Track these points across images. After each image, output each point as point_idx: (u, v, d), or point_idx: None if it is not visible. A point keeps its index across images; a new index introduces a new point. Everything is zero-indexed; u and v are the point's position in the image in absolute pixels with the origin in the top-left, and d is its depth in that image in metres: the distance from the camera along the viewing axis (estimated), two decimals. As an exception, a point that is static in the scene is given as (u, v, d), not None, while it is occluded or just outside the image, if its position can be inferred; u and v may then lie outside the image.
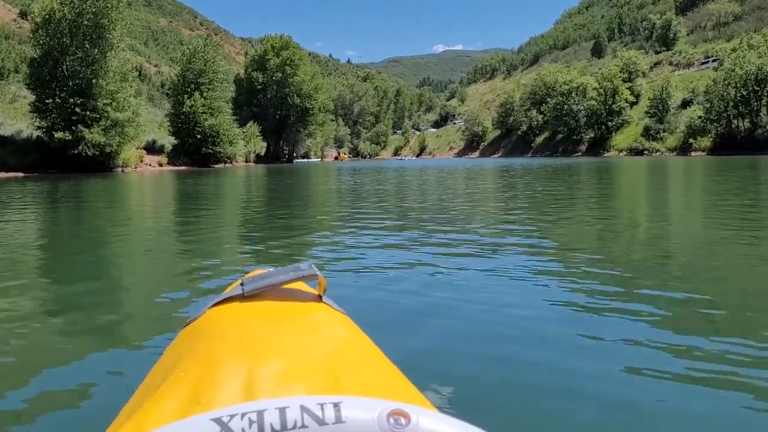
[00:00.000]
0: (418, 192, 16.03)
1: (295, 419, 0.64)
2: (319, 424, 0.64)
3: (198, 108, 53.64)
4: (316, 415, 0.64)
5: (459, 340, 3.00)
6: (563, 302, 3.71)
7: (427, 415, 0.67)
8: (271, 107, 79.71)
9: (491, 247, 5.99)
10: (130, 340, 3.18)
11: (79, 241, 7.48)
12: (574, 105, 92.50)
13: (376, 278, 4.53)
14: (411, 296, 3.95)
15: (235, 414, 0.64)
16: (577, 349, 2.85)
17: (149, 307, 3.98)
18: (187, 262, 5.72)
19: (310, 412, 0.65)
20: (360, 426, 0.64)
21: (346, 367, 0.84)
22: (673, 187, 17.02)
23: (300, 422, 0.64)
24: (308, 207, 12.91)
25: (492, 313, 3.46)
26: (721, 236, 6.60)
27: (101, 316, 3.74)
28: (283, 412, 0.64)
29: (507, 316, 3.41)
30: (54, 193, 18.41)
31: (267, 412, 0.64)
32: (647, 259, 5.32)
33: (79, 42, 39.99)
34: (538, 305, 3.67)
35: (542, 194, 13.96)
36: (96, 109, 40.45)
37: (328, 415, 0.65)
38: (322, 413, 0.65)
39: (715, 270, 4.75)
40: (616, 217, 9.24)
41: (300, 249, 6.34)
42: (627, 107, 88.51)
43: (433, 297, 3.92)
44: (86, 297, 4.23)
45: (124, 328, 3.48)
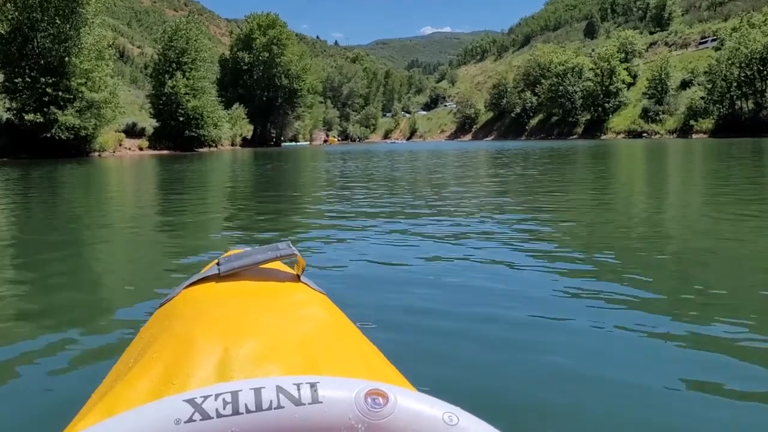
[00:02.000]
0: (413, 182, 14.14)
1: (271, 399, 0.63)
2: (296, 404, 0.63)
3: (180, 89, 50.82)
4: (292, 395, 0.64)
5: (446, 321, 2.92)
6: (563, 290, 3.53)
7: (406, 395, 0.67)
8: (258, 89, 76.78)
9: (483, 232, 5.69)
10: (107, 324, 3.05)
11: (53, 231, 6.94)
12: (569, 86, 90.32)
13: (361, 259, 4.45)
14: (400, 279, 3.87)
15: (209, 395, 0.63)
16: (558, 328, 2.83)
17: (126, 291, 3.88)
18: (165, 247, 5.61)
19: (286, 393, 0.64)
20: (337, 406, 0.64)
21: (323, 347, 0.84)
22: (675, 172, 15.97)
23: (276, 402, 0.63)
24: (298, 193, 12.02)
25: (486, 297, 3.37)
26: (722, 225, 6.20)
27: (75, 301, 3.60)
28: (259, 393, 0.63)
29: (500, 299, 3.31)
30: (23, 180, 17.19)
31: (242, 393, 0.63)
32: (656, 249, 4.82)
33: (50, 17, 37.16)
34: (531, 288, 3.60)
35: (549, 182, 12.62)
36: (69, 89, 37.77)
37: (305, 395, 0.64)
38: (299, 393, 0.64)
39: (714, 256, 4.61)
40: (626, 205, 8.62)
41: (284, 234, 6.00)
42: (624, 88, 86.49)
43: (420, 276, 3.91)
44: (59, 282, 4.11)
45: (99, 312, 3.34)
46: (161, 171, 22.36)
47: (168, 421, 0.61)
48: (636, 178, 14.37)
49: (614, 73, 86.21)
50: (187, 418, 0.61)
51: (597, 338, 2.69)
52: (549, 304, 3.21)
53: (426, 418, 0.64)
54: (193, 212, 8.50)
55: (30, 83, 36.91)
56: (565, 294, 3.39)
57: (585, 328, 2.80)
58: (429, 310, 3.11)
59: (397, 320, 2.92)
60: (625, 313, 3.01)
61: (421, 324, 2.86)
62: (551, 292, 3.42)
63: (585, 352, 2.52)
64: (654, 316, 2.93)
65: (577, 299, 3.28)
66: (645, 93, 78.85)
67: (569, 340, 2.65)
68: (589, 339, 2.68)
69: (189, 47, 52.88)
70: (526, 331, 2.76)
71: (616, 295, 3.30)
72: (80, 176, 19.64)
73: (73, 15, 37.84)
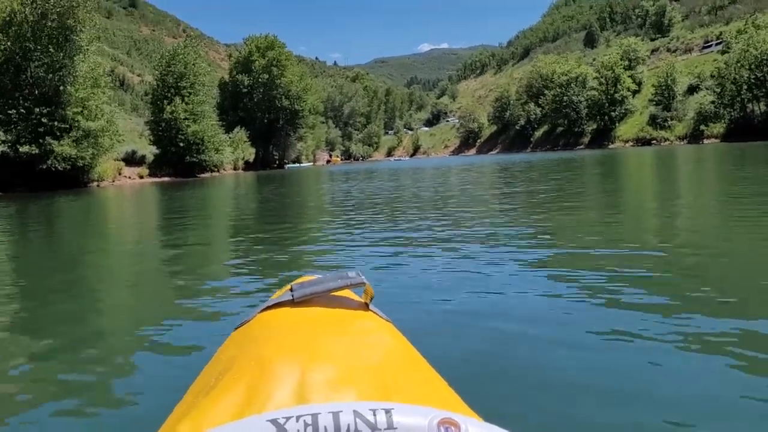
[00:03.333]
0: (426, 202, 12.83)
1: (349, 423, 0.64)
2: (372, 429, 0.65)
3: (179, 114, 49.72)
4: (369, 420, 0.65)
5: (502, 347, 2.93)
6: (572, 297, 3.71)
7: (476, 425, 0.68)
8: (259, 111, 75.77)
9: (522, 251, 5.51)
10: (176, 348, 3.18)
11: (60, 271, 6.49)
12: (574, 96, 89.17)
13: (411, 286, 4.34)
14: (453, 305, 3.78)
15: (291, 416, 0.65)
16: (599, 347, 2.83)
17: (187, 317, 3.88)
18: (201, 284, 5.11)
19: (362, 417, 0.65)
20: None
21: (394, 374, 0.86)
22: (696, 179, 15.42)
23: (353, 427, 0.64)
24: (307, 219, 11.28)
25: (537, 321, 3.30)
26: (739, 235, 5.95)
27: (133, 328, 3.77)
28: (337, 416, 0.65)
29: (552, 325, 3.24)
30: (19, 215, 16.44)
31: (321, 416, 0.65)
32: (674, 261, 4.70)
33: (43, 46, 36.13)
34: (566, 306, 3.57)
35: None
36: (65, 119, 36.60)
37: (380, 420, 0.65)
38: (375, 418, 0.65)
39: (733, 266, 4.46)
40: (641, 215, 8.55)
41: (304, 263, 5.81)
42: (629, 96, 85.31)
43: (473, 304, 3.78)
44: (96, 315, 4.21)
45: (164, 338, 3.42)
46: (162, 199, 21.33)
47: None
48: (671, 186, 13.10)
49: (619, 80, 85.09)
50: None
51: (642, 358, 2.63)
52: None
53: None
54: (202, 243, 8.17)
55: (24, 114, 35.78)
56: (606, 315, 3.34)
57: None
58: (494, 335, 3.07)
59: (460, 345, 2.95)
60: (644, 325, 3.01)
61: (485, 349, 2.88)
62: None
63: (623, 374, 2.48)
64: (676, 329, 2.91)
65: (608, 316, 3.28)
66: (651, 99, 77.64)
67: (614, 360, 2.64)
68: (633, 358, 2.65)
69: (187, 71, 51.85)
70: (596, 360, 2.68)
71: (644, 313, 3.25)
72: (75, 210, 18.58)
73: (67, 43, 36.79)
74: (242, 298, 4.20)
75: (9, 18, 35.91)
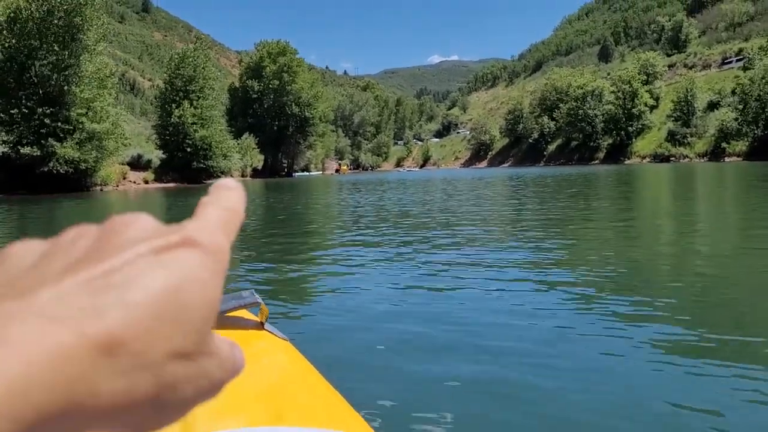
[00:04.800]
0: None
1: None
2: None
3: (188, 118, 48.38)
4: None
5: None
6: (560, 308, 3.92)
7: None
8: (269, 117, 74.46)
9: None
10: None
11: None
12: (589, 110, 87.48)
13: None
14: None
15: None
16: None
17: None
18: None
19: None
20: None
21: (286, 396, 0.85)
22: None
23: None
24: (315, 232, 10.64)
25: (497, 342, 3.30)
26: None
27: None
28: None
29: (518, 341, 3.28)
30: (15, 220, 15.69)
31: None
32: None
33: (49, 44, 34.83)
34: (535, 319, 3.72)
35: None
36: (69, 120, 35.25)
37: None
38: None
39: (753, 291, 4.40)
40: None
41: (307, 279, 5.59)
42: (647, 111, 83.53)
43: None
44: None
45: None
46: (163, 208, 19.83)
47: None
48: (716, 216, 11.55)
49: (636, 95, 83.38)
50: None
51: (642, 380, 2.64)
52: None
53: None
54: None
55: (27, 114, 34.45)
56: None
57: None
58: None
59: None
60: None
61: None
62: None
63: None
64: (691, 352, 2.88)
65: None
66: (670, 115, 75.96)
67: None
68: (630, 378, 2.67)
69: (197, 75, 50.53)
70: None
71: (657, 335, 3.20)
72: (74, 215, 17.28)
73: (73, 42, 35.51)
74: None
75: (14, 14, 34.66)
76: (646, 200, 15.76)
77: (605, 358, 2.93)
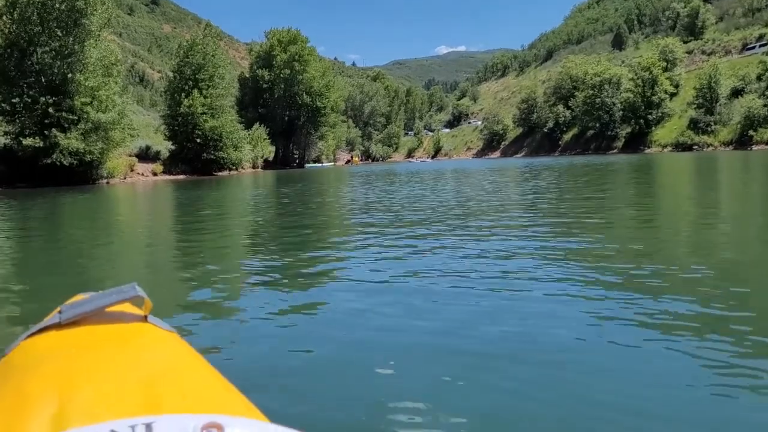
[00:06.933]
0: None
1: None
2: None
3: (197, 108, 46.65)
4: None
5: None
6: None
7: (240, 424, 0.68)
8: (279, 108, 72.71)
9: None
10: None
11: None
12: (607, 98, 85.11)
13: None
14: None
15: None
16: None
17: None
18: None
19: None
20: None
21: (167, 385, 0.84)
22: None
23: None
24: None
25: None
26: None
27: None
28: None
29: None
30: (16, 215, 14.39)
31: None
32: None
33: (51, 29, 33.16)
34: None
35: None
36: (73, 110, 33.59)
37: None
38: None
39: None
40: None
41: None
42: (667, 98, 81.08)
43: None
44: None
45: None
46: (171, 202, 18.36)
47: None
48: None
49: (656, 82, 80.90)
50: None
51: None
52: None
53: None
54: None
55: (29, 104, 32.84)
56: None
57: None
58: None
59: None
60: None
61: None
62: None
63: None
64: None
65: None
66: (692, 103, 73.55)
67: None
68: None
69: (206, 63, 48.74)
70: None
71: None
72: (76, 209, 16.14)
73: (76, 27, 33.79)
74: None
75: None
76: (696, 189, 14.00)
77: (637, 355, 2.75)
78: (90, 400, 0.76)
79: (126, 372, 0.86)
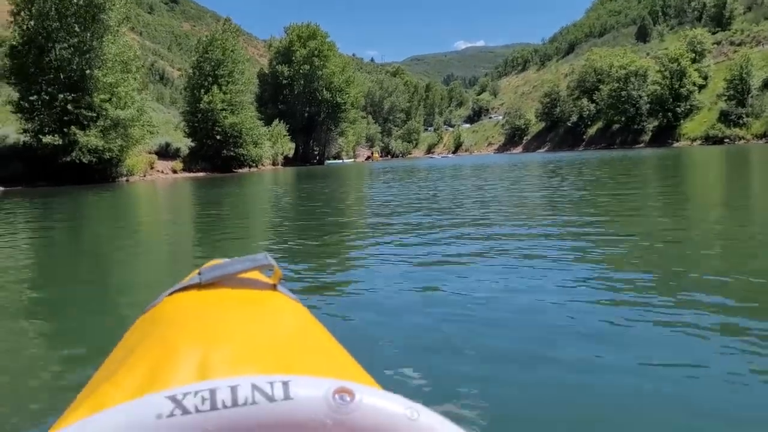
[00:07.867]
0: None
1: (246, 396, 0.66)
2: (269, 400, 0.67)
3: (217, 104, 45.98)
4: (266, 392, 0.67)
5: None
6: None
7: (371, 392, 0.71)
8: (299, 104, 71.97)
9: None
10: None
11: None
12: (633, 91, 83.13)
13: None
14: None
15: (189, 392, 0.66)
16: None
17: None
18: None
19: (260, 390, 0.67)
20: (307, 402, 0.67)
21: (295, 349, 0.90)
22: None
23: (251, 399, 0.66)
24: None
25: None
26: None
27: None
28: (235, 390, 0.67)
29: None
30: (31, 214, 14.13)
31: (219, 390, 0.67)
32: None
33: (69, 25, 32.57)
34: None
35: None
36: (92, 107, 33.00)
37: (278, 392, 0.67)
38: (272, 391, 0.67)
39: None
40: None
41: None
42: (696, 91, 78.96)
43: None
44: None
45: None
46: (191, 201, 17.75)
47: (150, 417, 0.65)
48: None
49: (684, 74, 78.78)
50: (168, 413, 0.64)
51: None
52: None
53: (389, 414, 0.68)
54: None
55: (48, 101, 32.28)
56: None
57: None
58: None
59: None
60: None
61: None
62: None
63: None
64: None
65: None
66: (722, 95, 71.51)
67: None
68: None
69: (225, 58, 48.04)
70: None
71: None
72: (97, 208, 15.95)
73: (94, 23, 33.21)
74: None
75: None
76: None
77: (663, 351, 2.75)
78: (230, 354, 0.81)
79: (260, 333, 0.92)
